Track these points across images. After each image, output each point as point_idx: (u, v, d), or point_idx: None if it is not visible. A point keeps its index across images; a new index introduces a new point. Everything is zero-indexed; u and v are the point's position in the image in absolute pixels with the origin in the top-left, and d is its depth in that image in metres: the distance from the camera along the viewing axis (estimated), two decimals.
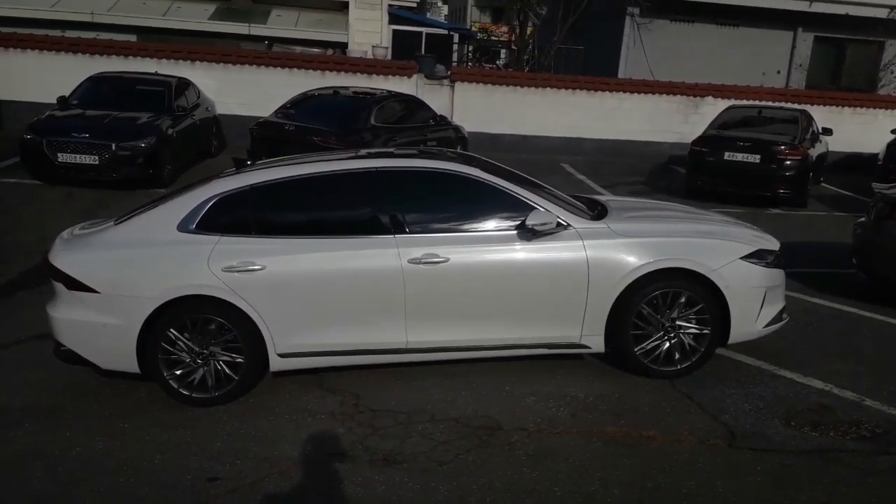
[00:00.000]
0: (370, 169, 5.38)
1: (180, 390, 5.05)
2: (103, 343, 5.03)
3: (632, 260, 5.22)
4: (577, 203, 5.91)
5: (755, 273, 5.39)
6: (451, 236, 5.22)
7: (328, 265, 5.06)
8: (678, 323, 5.36)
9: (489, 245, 5.20)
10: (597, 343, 5.36)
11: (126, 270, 5.02)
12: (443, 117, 13.69)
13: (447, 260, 5.09)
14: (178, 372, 5.05)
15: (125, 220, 5.37)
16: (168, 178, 11.52)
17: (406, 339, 5.18)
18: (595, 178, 14.07)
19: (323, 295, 5.07)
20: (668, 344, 5.38)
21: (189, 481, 4.14)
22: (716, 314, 5.34)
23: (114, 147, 10.85)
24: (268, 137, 11.41)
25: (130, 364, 5.05)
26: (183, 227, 5.12)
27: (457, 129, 13.96)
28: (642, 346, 5.36)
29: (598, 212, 5.78)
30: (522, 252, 5.20)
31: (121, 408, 5.00)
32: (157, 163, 11.21)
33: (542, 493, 4.04)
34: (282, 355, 5.12)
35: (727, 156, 12.47)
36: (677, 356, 5.39)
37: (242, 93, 15.25)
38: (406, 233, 5.16)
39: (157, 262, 5.03)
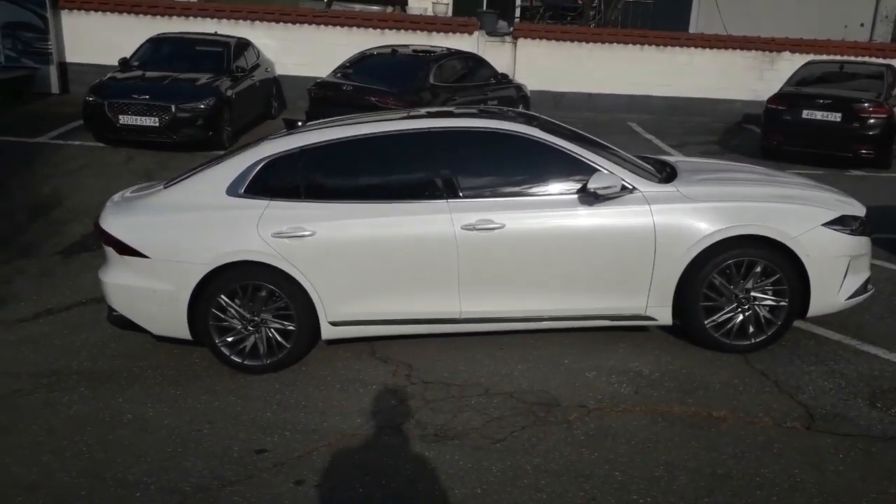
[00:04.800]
0: (423, 130, 5.13)
1: (232, 357, 4.96)
2: (154, 309, 4.97)
3: (703, 226, 4.86)
4: (644, 165, 5.55)
5: (838, 241, 4.97)
6: (507, 201, 4.94)
7: (378, 231, 4.86)
8: (753, 294, 4.99)
9: (548, 210, 4.91)
10: (664, 315, 5.04)
11: (175, 235, 4.92)
12: (504, 75, 13.30)
13: (503, 226, 4.83)
14: (229, 339, 4.95)
15: (175, 183, 5.27)
16: (227, 139, 11.48)
17: (460, 308, 4.96)
18: (664, 138, 13.52)
19: (374, 262, 4.88)
20: (741, 316, 5.02)
21: (236, 453, 4.04)
22: (794, 285, 4.95)
23: (173, 109, 10.82)
24: (325, 98, 11.23)
25: (181, 331, 4.97)
26: (232, 190, 4.98)
27: (519, 87, 13.57)
28: (713, 318, 5.01)
29: (666, 174, 5.42)
30: (584, 217, 4.90)
31: (174, 374, 4.96)
32: (216, 124, 11.16)
33: (602, 477, 3.79)
34: (333, 323, 4.97)
35: (805, 114, 11.79)
36: (751, 330, 5.03)
37: (302, 53, 15.09)
38: (460, 197, 4.92)
39: (206, 228, 4.91)
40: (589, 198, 4.89)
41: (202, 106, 11.01)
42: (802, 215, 4.98)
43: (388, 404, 4.48)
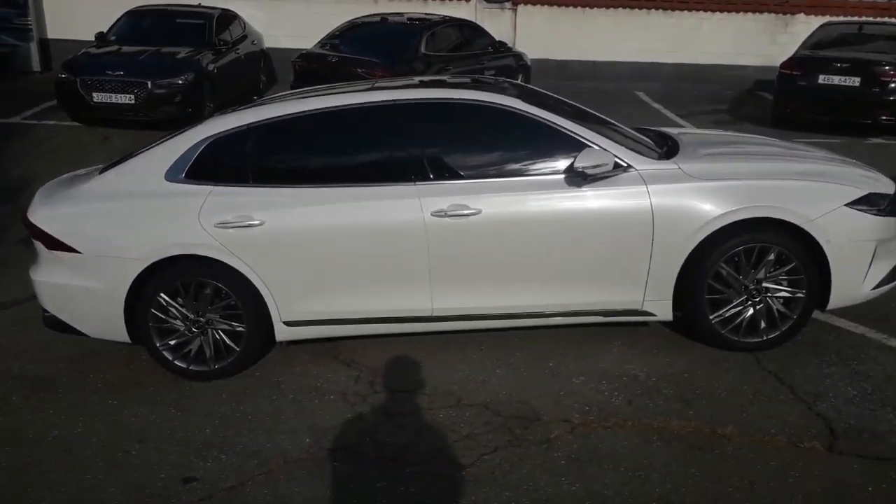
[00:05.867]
0: (386, 103, 4.51)
1: (175, 362, 4.43)
2: (88, 309, 4.43)
3: (708, 208, 4.23)
4: (642, 139, 4.92)
5: (864, 223, 4.32)
6: (483, 183, 4.33)
7: (336, 220, 4.27)
8: (765, 285, 4.37)
9: (531, 193, 4.29)
10: (663, 310, 4.42)
11: (108, 227, 4.36)
12: (502, 43, 12.61)
13: (478, 212, 4.22)
14: (171, 342, 4.41)
15: (111, 167, 4.68)
16: (209, 117, 10.83)
17: (431, 305, 4.37)
18: (672, 107, 12.80)
19: (331, 254, 4.30)
20: (751, 310, 4.40)
21: (161, 482, 3.49)
22: (812, 274, 4.32)
23: (149, 85, 10.23)
24: (310, 70, 10.61)
25: (119, 333, 4.43)
26: (172, 175, 4.40)
27: (518, 56, 12.90)
28: (720, 313, 4.39)
29: (667, 149, 4.78)
30: (571, 200, 4.28)
31: (115, 380, 4.45)
32: (196, 101, 10.56)
33: None
34: (288, 323, 4.40)
35: (822, 79, 11.05)
36: (763, 325, 4.41)
37: (291, 24, 14.43)
38: (430, 179, 4.31)
39: (142, 218, 4.34)
40: (577, 178, 4.26)
41: (180, 81, 10.41)
42: (822, 194, 4.33)
43: (344, 419, 3.91)
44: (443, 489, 3.34)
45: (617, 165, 4.28)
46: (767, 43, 15.35)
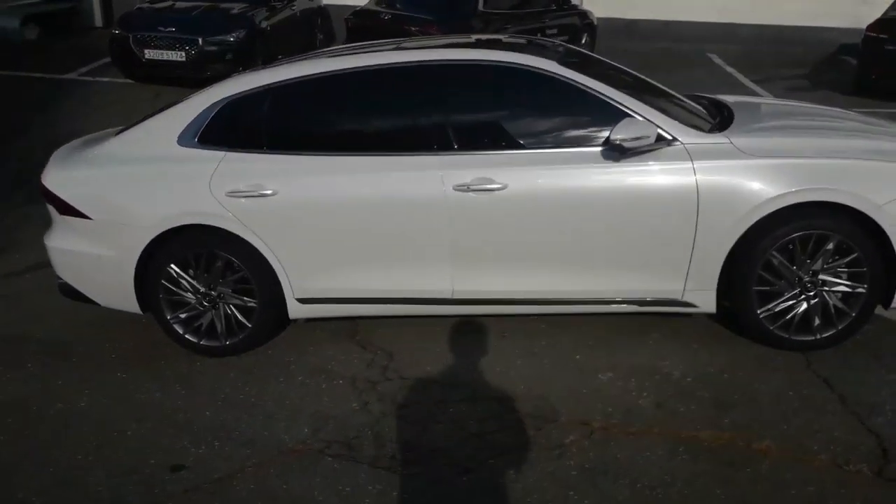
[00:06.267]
0: (407, 64, 4.16)
1: (186, 336, 4.26)
2: (99, 278, 4.32)
3: (760, 189, 3.77)
4: (695, 107, 4.47)
5: None
6: (512, 155, 3.97)
7: (353, 191, 3.99)
8: (822, 277, 3.90)
9: (563, 166, 3.91)
10: (706, 301, 4.00)
11: (117, 193, 4.19)
12: (566, 0, 12.03)
13: (504, 186, 3.87)
14: (182, 315, 4.24)
15: (126, 130, 4.49)
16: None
17: (452, 287, 4.06)
18: (746, 72, 11.99)
19: (347, 228, 4.03)
20: (805, 305, 3.94)
21: (150, 468, 3.31)
22: (877, 267, 3.83)
23: (200, 42, 10.11)
24: (363, 28, 10.34)
25: (129, 303, 4.28)
26: (184, 139, 4.18)
27: (583, 14, 12.33)
28: (769, 306, 3.94)
29: (721, 120, 4.32)
30: (607, 175, 3.88)
31: (130, 351, 4.33)
32: (248, 59, 10.30)
33: None
34: (301, 300, 4.17)
35: None
36: (817, 322, 3.94)
37: None
38: (453, 150, 3.97)
39: (152, 184, 4.15)
40: (614, 151, 3.85)
41: (231, 39, 10.26)
42: (892, 176, 3.81)
43: (349, 408, 3.66)
44: (438, 495, 3.06)
45: (660, 138, 3.85)
46: (856, 2, 14.30)
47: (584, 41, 12.20)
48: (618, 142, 3.77)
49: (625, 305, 4.08)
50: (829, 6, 14.40)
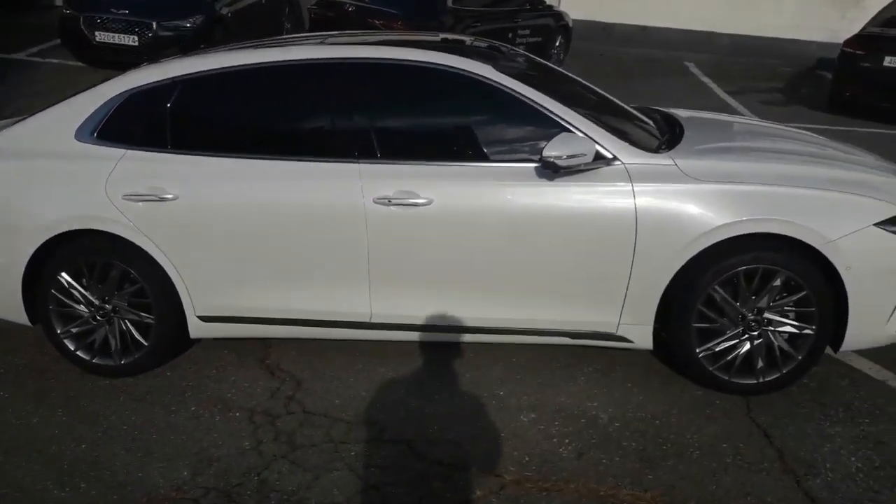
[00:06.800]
0: (330, 61, 3.79)
1: (77, 353, 3.88)
2: None
3: (704, 217, 3.45)
4: (643, 123, 4.15)
5: (895, 248, 3.51)
6: (439, 168, 3.61)
7: (262, 199, 3.63)
8: (767, 316, 3.59)
9: (493, 183, 3.56)
10: (642, 336, 3.68)
11: (6, 191, 3.79)
12: (541, 1, 11.71)
13: (429, 202, 3.53)
14: (74, 329, 3.86)
15: (23, 120, 4.09)
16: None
17: (370, 310, 3.71)
18: (722, 83, 11.73)
19: (255, 241, 3.66)
20: (748, 345, 3.62)
21: None
22: (826, 307, 3.52)
23: (154, 26, 9.64)
24: (326, 19, 9.95)
25: (17, 314, 3.91)
26: (82, 134, 3.80)
27: (558, 15, 12.00)
28: (709, 345, 3.63)
29: (670, 137, 4.00)
30: (539, 196, 3.54)
31: (20, 367, 3.96)
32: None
33: None
34: (203, 318, 3.80)
35: (888, 61, 9.81)
36: (760, 364, 3.63)
37: None
38: (376, 158, 3.61)
39: (42, 183, 3.76)
40: (548, 169, 3.51)
41: (188, 24, 9.81)
42: (847, 209, 3.49)
43: (239, 448, 3.28)
44: None
45: (599, 156, 3.52)
46: (836, 17, 14.09)
47: (558, 43, 11.89)
48: (551, 159, 3.43)
49: (556, 337, 3.74)
50: (808, 19, 14.16)
